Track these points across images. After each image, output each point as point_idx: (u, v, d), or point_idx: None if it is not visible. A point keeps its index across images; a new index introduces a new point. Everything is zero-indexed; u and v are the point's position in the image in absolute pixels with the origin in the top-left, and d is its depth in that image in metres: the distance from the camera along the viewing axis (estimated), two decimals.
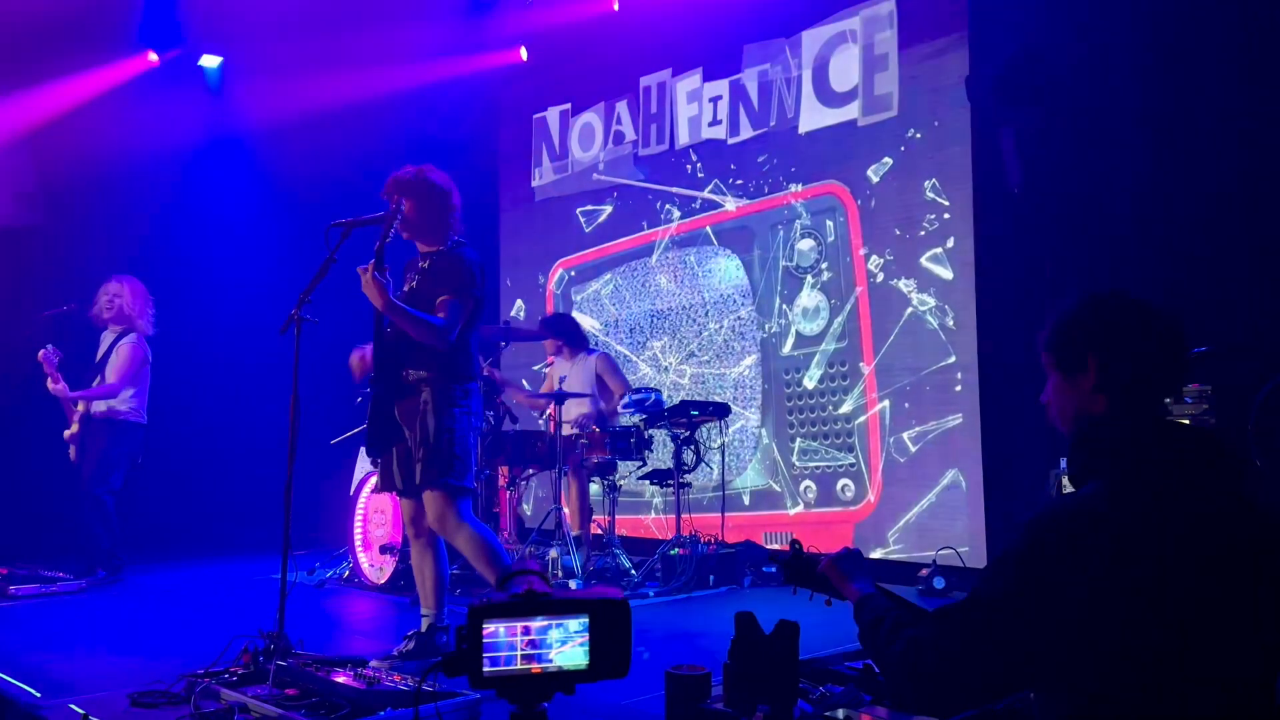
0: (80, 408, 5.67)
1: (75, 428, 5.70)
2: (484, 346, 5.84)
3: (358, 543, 5.63)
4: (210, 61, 7.29)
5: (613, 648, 1.40)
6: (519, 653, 1.34)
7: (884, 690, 2.15)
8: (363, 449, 6.23)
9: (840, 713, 2.02)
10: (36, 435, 6.17)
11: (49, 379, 5.58)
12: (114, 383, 5.70)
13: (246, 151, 7.49)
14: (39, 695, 3.18)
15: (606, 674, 1.41)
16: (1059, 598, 1.38)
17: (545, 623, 1.35)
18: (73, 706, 3.04)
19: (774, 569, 1.62)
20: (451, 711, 2.63)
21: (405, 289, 3.77)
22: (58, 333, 5.83)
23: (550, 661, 1.36)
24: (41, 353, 5.57)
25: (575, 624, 1.37)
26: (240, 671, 3.20)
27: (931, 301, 5.62)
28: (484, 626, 1.31)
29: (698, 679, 2.13)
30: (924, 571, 5.05)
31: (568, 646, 1.37)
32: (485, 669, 1.32)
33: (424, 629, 3.64)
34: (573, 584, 5.02)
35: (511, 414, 5.84)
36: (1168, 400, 3.42)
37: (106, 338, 5.86)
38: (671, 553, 5.37)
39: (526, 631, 1.34)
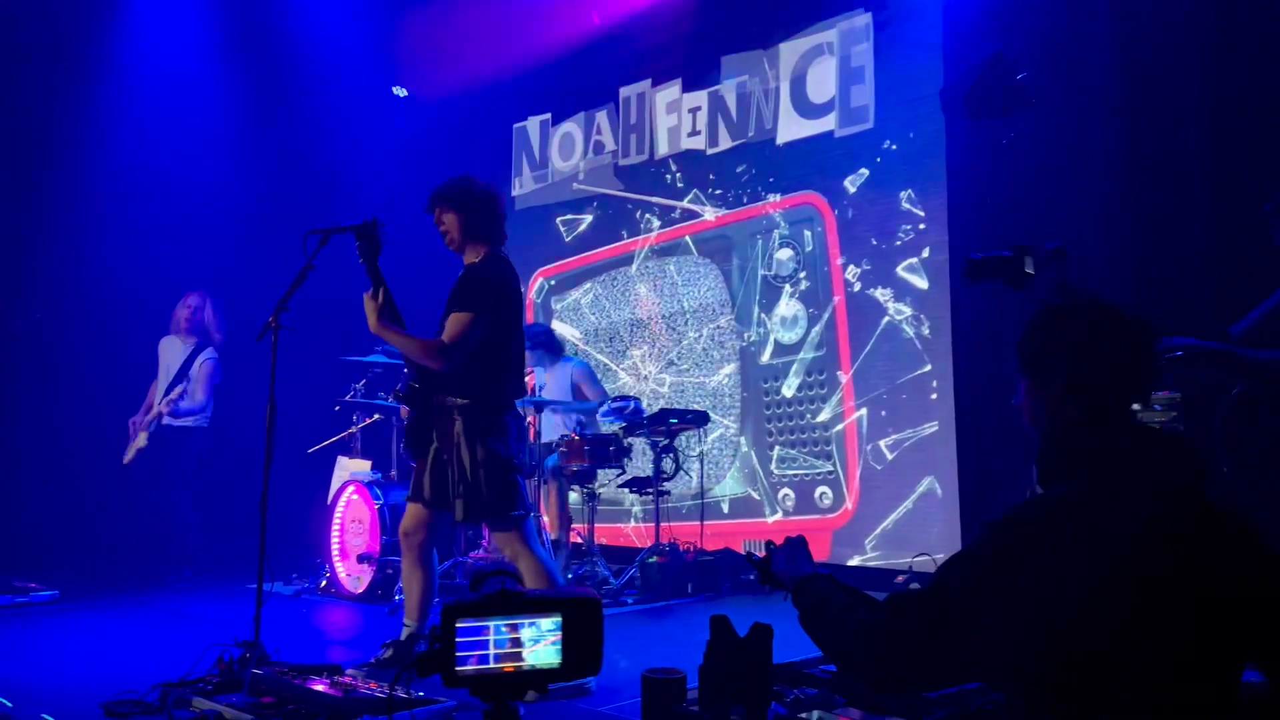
0: (152, 415, 5.90)
1: (144, 440, 5.89)
2: None
3: (335, 552, 5.61)
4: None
5: (585, 647, 1.41)
6: (491, 652, 1.35)
7: (858, 693, 2.17)
8: (340, 458, 6.25)
9: (814, 715, 2.04)
10: (8, 443, 6.11)
11: (157, 397, 5.87)
12: (204, 400, 6.00)
13: (222, 156, 7.46)
14: (10, 705, 3.15)
15: (579, 673, 1.42)
16: (1015, 595, 1.40)
17: (518, 622, 1.36)
18: (45, 716, 3.01)
19: (753, 575, 1.65)
20: (425, 719, 2.62)
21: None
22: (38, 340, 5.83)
23: (523, 660, 1.37)
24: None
25: (548, 623, 1.38)
26: (216, 680, 3.18)
27: (908, 310, 5.67)
28: (457, 625, 1.32)
29: (673, 682, 2.14)
30: (900, 578, 5.09)
31: (540, 645, 1.38)
32: (458, 668, 1.33)
33: (403, 637, 3.62)
34: None
35: None
36: (1137, 407, 3.47)
37: (177, 346, 6.19)
38: (650, 561, 5.38)
39: (499, 631, 1.35)
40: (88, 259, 6.54)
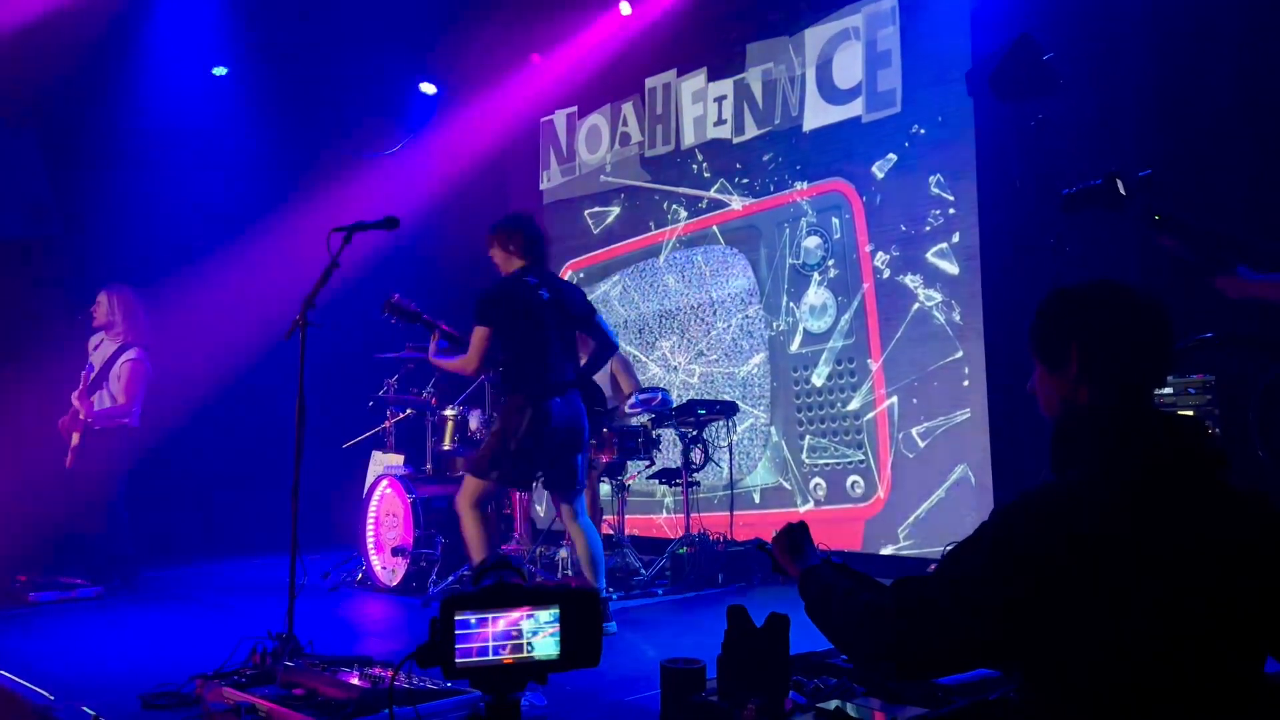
0: (83, 417, 5.69)
1: (77, 439, 5.74)
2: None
3: (370, 545, 5.68)
4: (217, 72, 7.37)
5: (584, 638, 1.42)
6: (491, 643, 1.36)
7: (877, 682, 2.16)
8: (375, 452, 6.32)
9: (832, 704, 2.03)
10: (52, 442, 6.24)
11: (78, 394, 5.65)
12: (125, 403, 5.74)
13: (253, 157, 7.57)
14: (52, 698, 3.23)
15: (577, 664, 1.43)
16: (1025, 582, 1.39)
17: (517, 614, 1.37)
18: (85, 709, 3.08)
19: (768, 547, 1.67)
20: (452, 710, 2.65)
21: None
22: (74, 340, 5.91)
23: (522, 652, 1.38)
24: (85, 369, 5.69)
25: (546, 615, 1.39)
26: (249, 672, 3.24)
27: (938, 297, 5.62)
28: (455, 618, 1.33)
29: (691, 672, 2.15)
30: (932, 567, 5.03)
31: (539, 637, 1.39)
32: (458, 660, 1.34)
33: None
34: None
35: None
36: (1164, 391, 3.41)
37: (103, 346, 5.87)
38: (680, 551, 5.39)
39: (497, 623, 1.36)
40: (116, 258, 6.64)
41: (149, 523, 6.18)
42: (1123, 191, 2.85)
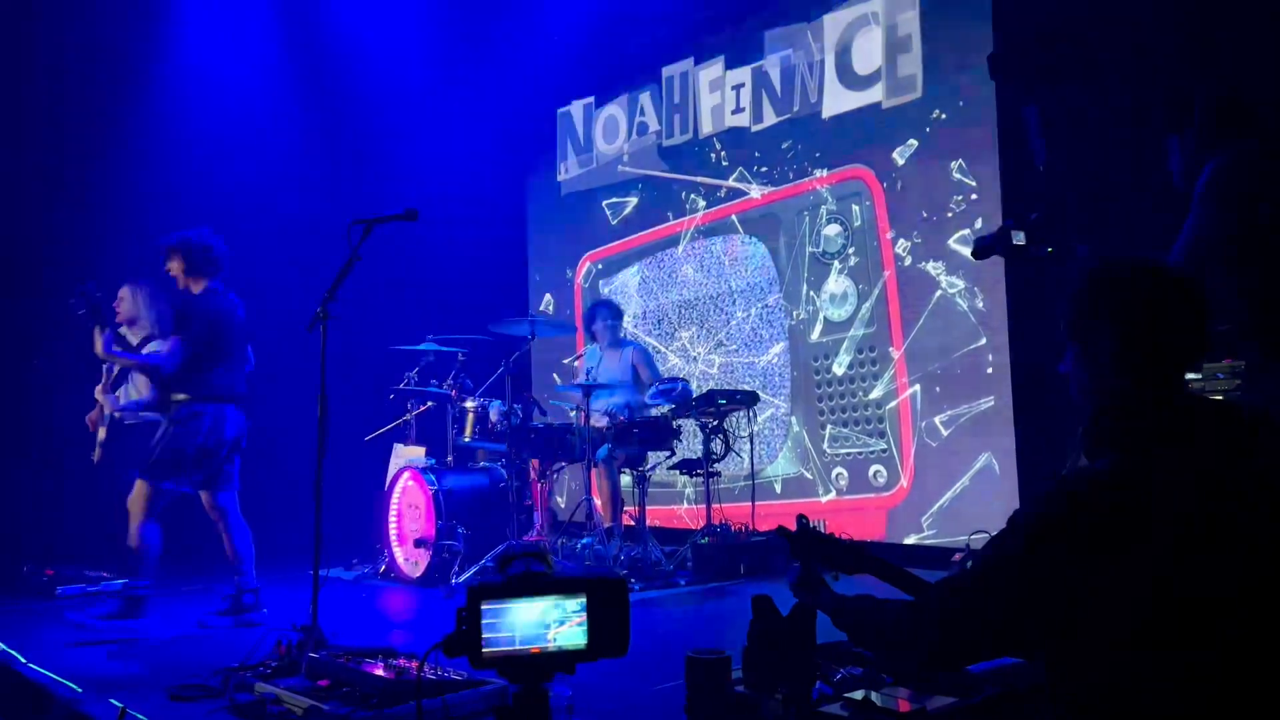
0: (108, 412, 5.71)
1: (104, 434, 5.75)
2: (508, 339, 5.88)
3: (393, 537, 5.70)
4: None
5: (611, 627, 1.40)
6: (518, 633, 1.35)
7: (905, 671, 2.14)
8: (396, 444, 6.34)
9: (859, 693, 2.02)
10: (79, 438, 6.29)
11: (101, 388, 5.67)
12: (149, 396, 5.76)
13: (271, 150, 7.58)
14: (80, 691, 3.25)
15: (605, 653, 1.41)
16: (1059, 569, 1.37)
17: (543, 603, 1.36)
18: (113, 701, 3.10)
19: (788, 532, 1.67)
20: (480, 700, 2.64)
21: None
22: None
23: (549, 641, 1.37)
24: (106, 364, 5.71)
25: (573, 604, 1.38)
26: (275, 664, 3.25)
27: (961, 284, 5.56)
28: (482, 607, 1.32)
29: (717, 662, 2.13)
30: (957, 556, 5.00)
31: (566, 626, 1.38)
32: (484, 649, 1.33)
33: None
34: None
35: (540, 407, 5.86)
36: (1195, 376, 3.36)
37: (128, 340, 5.90)
38: (702, 542, 5.37)
39: (525, 612, 1.35)
40: (138, 252, 6.67)
41: (174, 515, 6.21)
42: (1019, 242, 3.06)
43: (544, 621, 1.38)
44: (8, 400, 6.04)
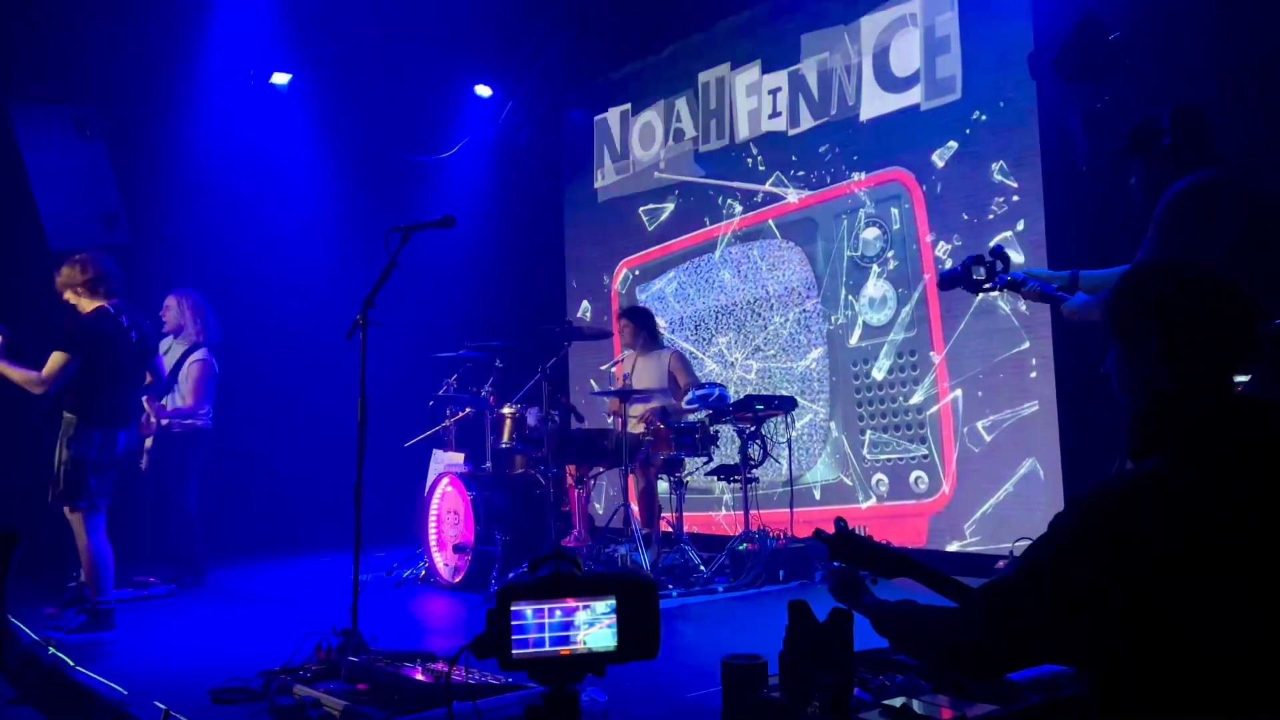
0: (153, 420, 5.81)
1: (150, 441, 5.86)
2: (545, 346, 5.90)
3: (433, 542, 5.73)
4: (281, 79, 7.50)
5: (641, 629, 1.39)
6: (547, 634, 1.34)
7: (946, 679, 2.10)
8: (436, 450, 6.38)
9: (898, 700, 1.98)
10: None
11: (147, 396, 5.77)
12: (193, 403, 5.87)
13: (312, 161, 7.69)
14: (125, 693, 3.30)
15: (635, 655, 1.40)
16: (1105, 575, 1.33)
17: (572, 604, 1.35)
18: (157, 703, 3.15)
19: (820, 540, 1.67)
20: (513, 704, 2.64)
21: None
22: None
23: (579, 643, 1.36)
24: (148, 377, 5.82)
25: (602, 605, 1.36)
26: (315, 668, 3.28)
27: None
28: (511, 608, 1.31)
29: (753, 668, 2.11)
30: (1000, 564, 4.92)
31: (596, 628, 1.36)
32: (514, 651, 1.32)
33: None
34: None
35: (577, 413, 5.87)
36: (1244, 379, 3.27)
37: (173, 350, 6.01)
38: (740, 548, 5.34)
39: (554, 614, 1.34)
40: (181, 263, 6.79)
41: (218, 521, 6.31)
42: (979, 277, 3.23)
43: (573, 623, 1.37)
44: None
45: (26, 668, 3.84)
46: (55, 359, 4.41)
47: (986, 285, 3.20)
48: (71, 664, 3.74)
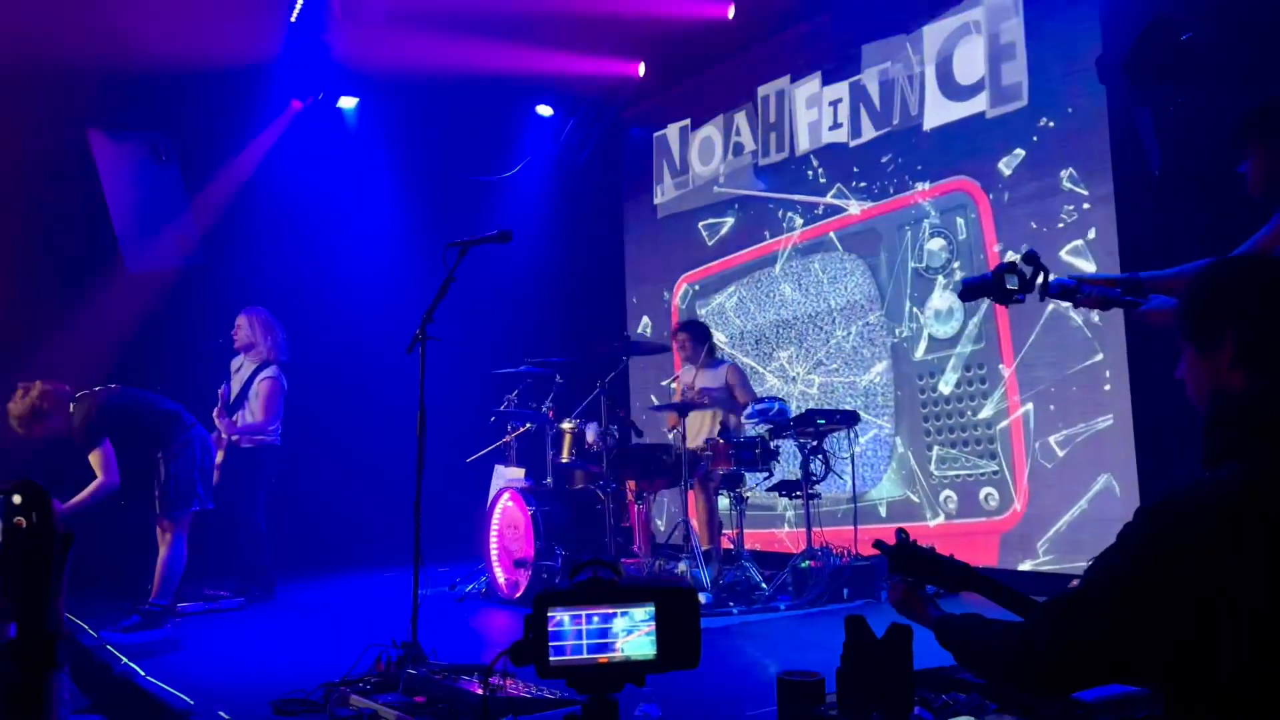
0: (224, 436, 5.94)
1: (221, 456, 5.98)
2: (604, 361, 5.91)
3: (494, 557, 5.75)
4: (348, 103, 7.68)
5: (681, 638, 1.35)
6: (585, 642, 1.31)
7: (1012, 698, 2.02)
8: (497, 465, 6.41)
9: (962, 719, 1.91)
10: None
11: (217, 413, 5.92)
12: (264, 420, 5.99)
13: (377, 182, 7.85)
14: (191, 703, 3.36)
15: (675, 665, 1.36)
16: (1178, 590, 1.26)
17: (611, 611, 1.32)
18: (221, 714, 3.20)
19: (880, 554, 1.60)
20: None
21: None
22: (217, 364, 6.22)
23: (617, 651, 1.33)
24: (221, 389, 5.99)
25: (641, 613, 1.33)
26: (374, 680, 3.30)
27: None
28: (549, 615, 1.29)
29: (809, 685, 2.05)
30: (1074, 583, 4.74)
31: (634, 636, 1.33)
32: (551, 658, 1.30)
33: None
34: (701, 598, 4.96)
35: (636, 428, 5.85)
36: None
37: (244, 367, 6.15)
38: (802, 565, 5.25)
39: (591, 620, 1.31)
40: (248, 282, 6.96)
41: (287, 535, 6.42)
42: (1012, 286, 2.85)
43: (611, 630, 1.34)
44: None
45: (99, 678, 3.93)
46: (94, 459, 4.73)
47: (1019, 295, 2.81)
48: (142, 674, 3.82)
